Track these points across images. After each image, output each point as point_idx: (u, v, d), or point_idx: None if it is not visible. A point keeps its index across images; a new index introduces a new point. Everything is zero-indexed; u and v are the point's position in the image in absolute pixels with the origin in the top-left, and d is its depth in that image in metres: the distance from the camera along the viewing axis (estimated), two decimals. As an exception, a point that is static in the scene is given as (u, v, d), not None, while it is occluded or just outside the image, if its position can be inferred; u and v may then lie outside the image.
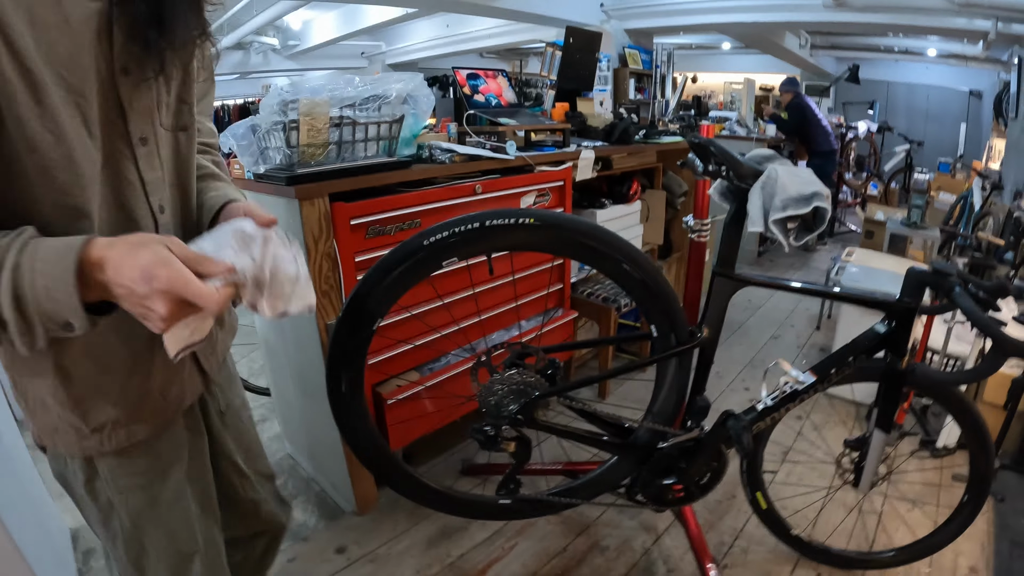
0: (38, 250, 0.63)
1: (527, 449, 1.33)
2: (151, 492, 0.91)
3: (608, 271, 1.25)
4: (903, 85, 9.87)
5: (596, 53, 2.99)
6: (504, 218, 1.12)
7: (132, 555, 0.94)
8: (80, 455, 0.87)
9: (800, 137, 5.49)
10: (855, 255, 3.23)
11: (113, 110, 0.75)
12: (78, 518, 2.02)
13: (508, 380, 1.27)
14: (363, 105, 1.56)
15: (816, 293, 1.39)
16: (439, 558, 1.78)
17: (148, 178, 0.80)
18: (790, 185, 1.16)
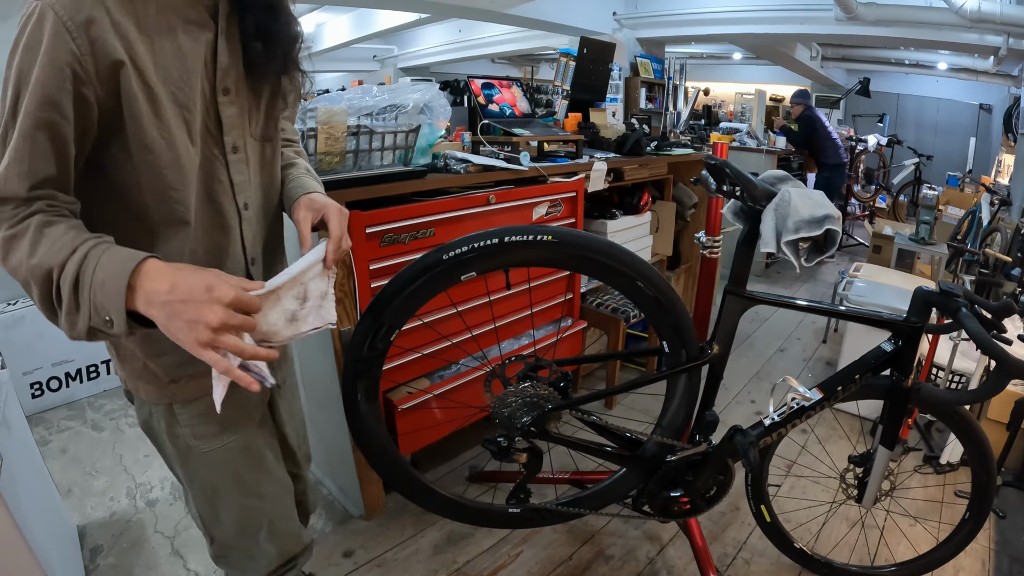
0: (109, 249, 0.74)
1: (538, 460, 1.35)
2: (224, 438, 1.02)
3: (622, 288, 1.27)
4: (913, 98, 9.86)
5: (609, 64, 3.01)
6: (523, 235, 1.14)
7: (207, 495, 1.06)
8: (161, 403, 0.98)
9: (810, 149, 5.50)
10: (863, 270, 3.24)
11: (212, 123, 0.90)
12: (85, 515, 2.10)
13: (522, 392, 1.30)
14: (380, 114, 1.59)
15: (825, 312, 1.42)
16: (445, 564, 1.80)
17: (237, 180, 0.95)
18: (803, 207, 1.19)
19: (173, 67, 0.81)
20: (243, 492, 1.08)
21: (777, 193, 1.24)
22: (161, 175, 0.83)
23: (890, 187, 7.17)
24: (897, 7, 4.75)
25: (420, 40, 9.93)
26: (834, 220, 1.18)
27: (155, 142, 0.80)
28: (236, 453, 1.05)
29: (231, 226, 0.96)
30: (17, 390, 2.84)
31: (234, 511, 1.08)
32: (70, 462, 2.45)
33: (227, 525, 1.10)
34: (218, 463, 1.04)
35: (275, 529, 1.14)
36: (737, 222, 1.38)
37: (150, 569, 1.84)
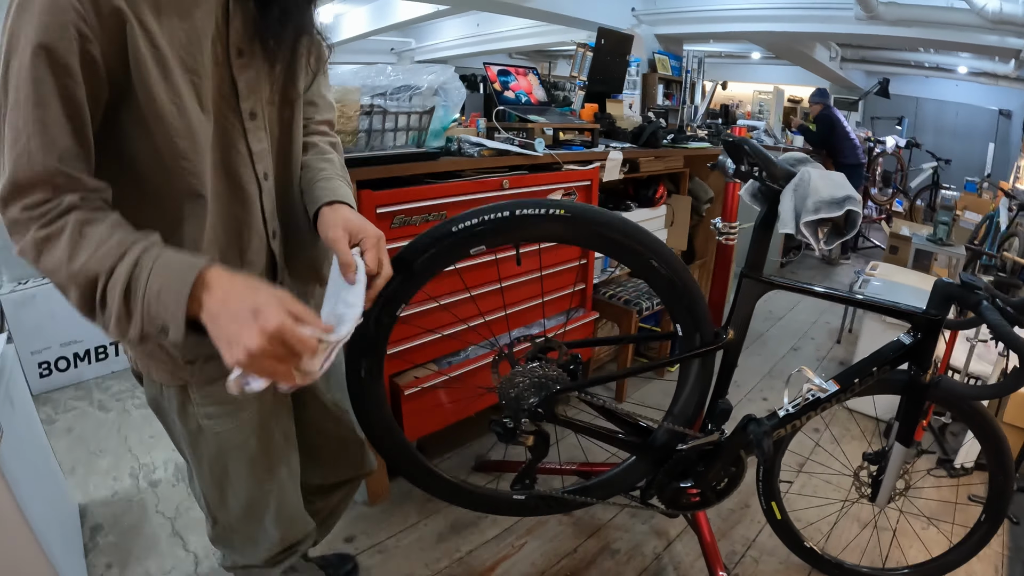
0: (161, 256, 0.71)
1: (545, 444, 1.32)
2: (237, 419, 0.98)
3: (635, 267, 1.24)
4: (932, 102, 9.75)
5: (627, 56, 2.98)
6: (535, 208, 1.11)
7: (215, 476, 1.02)
8: (173, 384, 0.94)
9: (827, 149, 5.44)
10: (879, 269, 3.19)
11: (227, 87, 0.84)
12: (87, 493, 2.10)
13: (530, 373, 1.27)
14: (394, 95, 1.56)
15: (843, 300, 1.38)
16: (448, 552, 1.78)
17: (255, 149, 0.89)
18: (823, 188, 1.15)
19: (179, 28, 0.75)
20: (253, 475, 1.05)
21: (797, 173, 1.20)
22: (172, 144, 0.77)
23: (907, 191, 7.09)
24: (918, 7, 4.70)
25: (438, 33, 9.92)
26: (855, 201, 1.15)
27: (165, 107, 0.75)
28: (248, 434, 1.02)
29: (251, 198, 0.91)
30: (26, 369, 2.85)
31: (242, 494, 1.06)
32: (75, 441, 2.46)
33: (233, 508, 1.07)
34: (229, 444, 1.00)
35: (281, 514, 1.11)
36: (755, 204, 1.34)
37: (149, 549, 1.83)
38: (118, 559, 1.80)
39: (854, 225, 1.19)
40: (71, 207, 0.71)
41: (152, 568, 1.76)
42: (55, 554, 1.49)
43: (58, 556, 1.51)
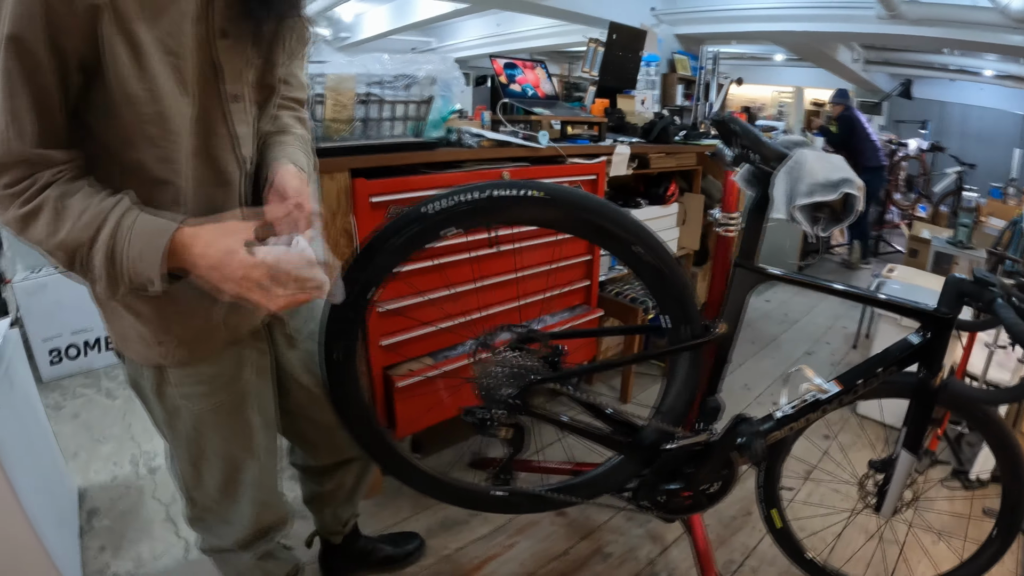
0: (137, 222, 0.77)
1: (522, 438, 1.27)
2: (214, 400, 1.00)
3: (619, 253, 1.19)
4: (957, 105, 9.57)
5: (640, 52, 2.93)
6: (511, 189, 1.07)
7: (192, 455, 1.04)
8: (149, 364, 0.96)
9: (848, 151, 5.31)
10: (896, 272, 3.09)
11: (209, 70, 0.83)
12: (88, 478, 2.11)
13: (506, 362, 1.22)
14: (391, 84, 1.54)
15: (843, 294, 1.29)
16: (436, 549, 1.75)
17: (239, 132, 0.90)
18: (818, 170, 1.08)
19: (160, 9, 0.75)
20: (229, 455, 1.06)
21: (791, 154, 1.13)
22: (142, 129, 0.79)
23: (931, 195, 6.91)
24: (940, 5, 4.59)
25: (458, 33, 9.92)
26: (852, 184, 1.07)
27: (136, 94, 0.76)
28: (226, 414, 1.03)
29: (231, 182, 0.92)
30: (37, 356, 2.91)
31: (217, 474, 1.07)
32: (81, 427, 2.50)
33: (208, 487, 1.08)
34: (206, 424, 1.01)
35: (256, 496, 1.12)
36: (748, 189, 1.27)
37: (142, 533, 1.86)
38: (111, 542, 1.82)
39: (852, 210, 1.11)
40: (48, 183, 0.74)
41: (144, 552, 1.78)
42: (47, 534, 1.51)
43: (50, 536, 1.53)
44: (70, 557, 1.70)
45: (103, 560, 1.75)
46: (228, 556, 1.19)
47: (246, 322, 1.02)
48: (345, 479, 1.42)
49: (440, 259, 1.77)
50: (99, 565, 1.73)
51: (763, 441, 1.23)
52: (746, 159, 1.20)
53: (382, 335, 1.75)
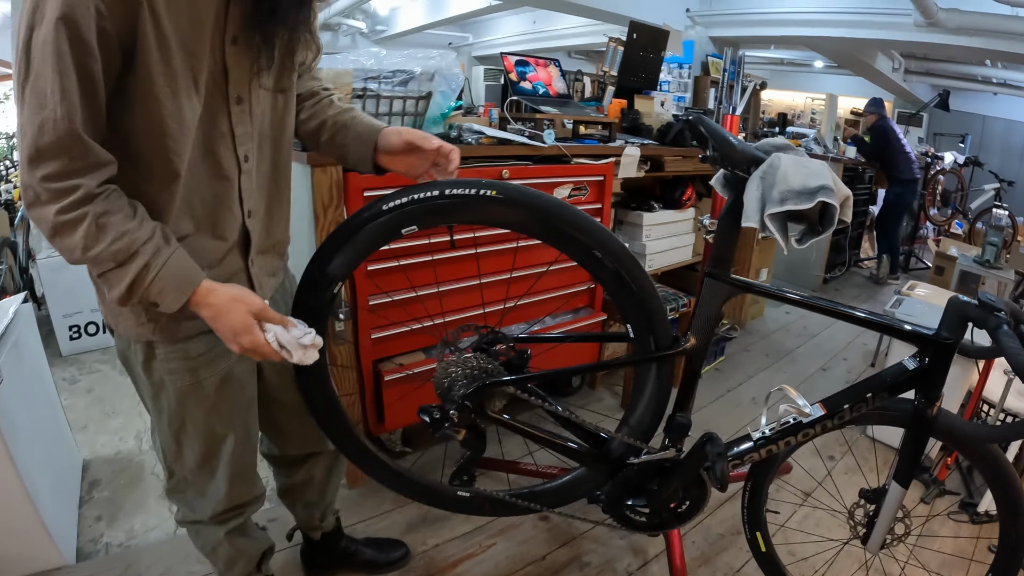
0: (167, 263, 0.85)
1: (480, 441, 1.23)
2: (198, 376, 1.04)
3: (578, 258, 1.14)
4: (1000, 120, 9.25)
5: (662, 52, 2.87)
6: (464, 188, 1.04)
7: (174, 428, 1.09)
8: (139, 340, 1.01)
9: (881, 162, 5.17)
10: (918, 290, 2.98)
11: (219, 72, 0.90)
12: (94, 450, 2.16)
13: (464, 363, 1.19)
14: (388, 79, 1.52)
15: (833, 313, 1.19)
16: (414, 544, 1.75)
17: (238, 131, 0.96)
18: (793, 176, 1.01)
19: (185, 13, 0.82)
20: (208, 429, 1.10)
21: (765, 159, 1.06)
22: (163, 123, 0.84)
23: (967, 212, 6.68)
24: (979, 15, 4.41)
25: (495, 29, 9.91)
26: (830, 192, 1.00)
27: (161, 90, 0.82)
28: (210, 391, 1.07)
29: (229, 177, 0.97)
30: (57, 331, 3.01)
31: (197, 447, 1.11)
32: (93, 401, 2.58)
33: (188, 460, 1.13)
34: (189, 399, 1.06)
35: (232, 472, 1.16)
36: (725, 193, 1.21)
37: (138, 507, 1.91)
38: (108, 513, 1.88)
39: (831, 221, 1.04)
40: (91, 195, 0.79)
41: (136, 525, 1.83)
42: (44, 502, 1.57)
43: (48, 504, 1.60)
44: (67, 525, 1.76)
45: (98, 529, 1.81)
46: (200, 528, 1.24)
47: None
48: (314, 471, 1.43)
49: (437, 255, 1.76)
50: (94, 534, 1.79)
51: (726, 463, 1.18)
52: (719, 162, 1.15)
53: (373, 328, 1.75)
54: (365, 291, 1.69)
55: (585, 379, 2.75)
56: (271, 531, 1.75)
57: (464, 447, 1.23)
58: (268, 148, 1.04)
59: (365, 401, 1.82)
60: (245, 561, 1.32)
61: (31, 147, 0.75)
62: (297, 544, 1.67)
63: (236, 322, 0.90)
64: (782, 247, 1.04)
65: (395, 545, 1.71)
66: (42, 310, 3.29)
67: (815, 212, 1.02)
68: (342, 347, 1.67)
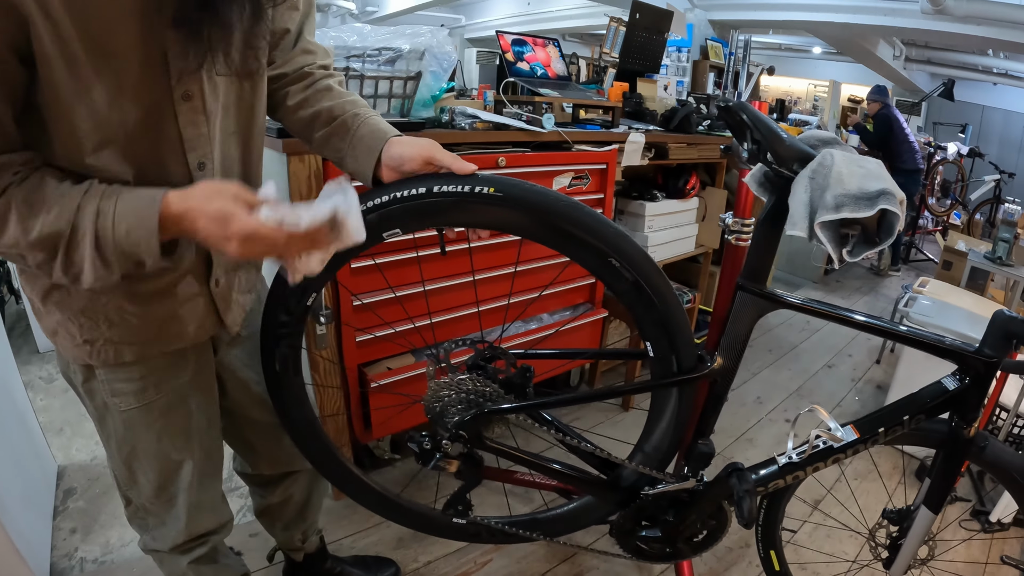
0: (119, 198, 0.70)
1: (476, 471, 1.10)
2: (144, 398, 0.93)
3: (592, 266, 0.98)
4: (999, 111, 9.17)
5: (665, 33, 2.74)
6: (457, 185, 0.89)
7: (123, 454, 0.98)
8: (77, 362, 0.90)
9: (884, 152, 5.07)
10: (929, 286, 2.88)
11: (157, 66, 0.73)
12: (69, 456, 2.04)
13: (457, 386, 1.05)
14: (374, 57, 1.38)
15: (871, 329, 1.10)
16: (405, 560, 1.64)
17: (187, 135, 0.79)
18: (849, 177, 0.85)
19: (93, 5, 0.65)
20: (163, 456, 1.00)
21: (816, 155, 0.90)
22: (79, 142, 0.71)
23: (966, 203, 6.61)
24: (987, 3, 4.31)
25: (488, 11, 9.72)
26: (892, 198, 0.83)
27: (71, 106, 0.69)
28: (159, 414, 0.96)
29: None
30: (34, 327, 2.89)
31: (152, 474, 1.01)
32: (69, 402, 2.43)
33: (143, 488, 1.02)
34: (137, 424, 0.95)
35: (193, 500, 1.06)
36: (762, 194, 1.04)
37: (114, 518, 1.81)
38: (83, 525, 1.78)
39: (891, 231, 0.87)
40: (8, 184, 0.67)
41: (112, 538, 1.73)
42: (12, 515, 1.45)
43: (16, 517, 1.49)
44: (40, 538, 1.66)
45: (72, 543, 1.71)
46: (165, 558, 1.14)
47: (191, 332, 0.94)
48: (292, 492, 1.32)
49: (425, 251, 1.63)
50: (68, 548, 1.69)
51: (754, 499, 1.05)
52: (759, 158, 0.98)
53: (358, 330, 1.62)
54: (349, 291, 1.56)
55: (583, 378, 2.64)
56: (252, 548, 1.65)
57: (458, 479, 1.09)
58: (235, 148, 0.88)
59: (350, 408, 1.70)
60: None
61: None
62: (279, 563, 1.56)
63: (221, 210, 0.71)
64: (833, 259, 0.90)
65: (384, 564, 1.60)
66: (20, 304, 3.15)
67: (873, 220, 0.86)
68: (324, 352, 1.55)
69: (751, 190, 1.05)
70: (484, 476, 1.13)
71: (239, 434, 1.17)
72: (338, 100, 0.98)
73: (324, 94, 0.98)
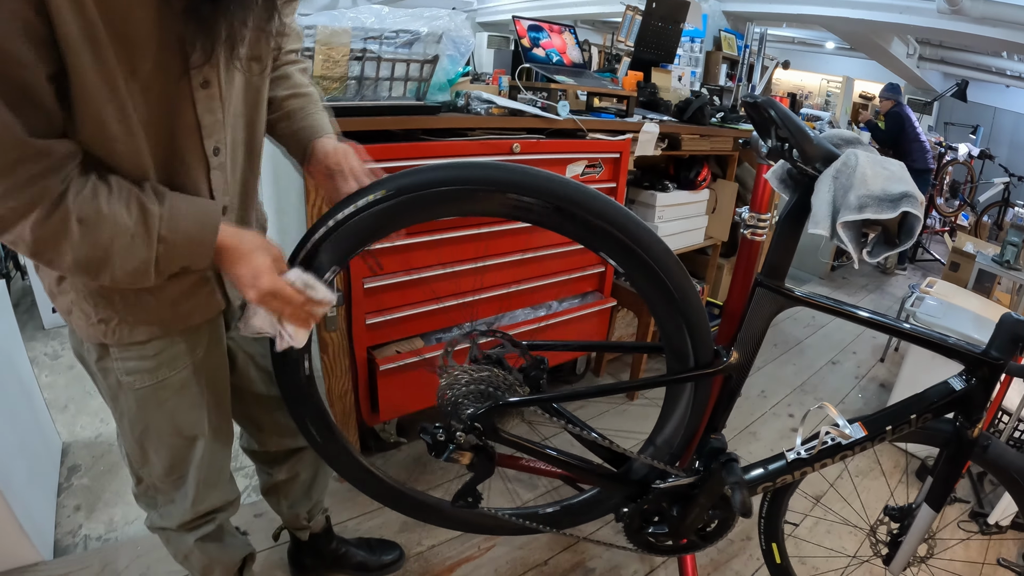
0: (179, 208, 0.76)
1: (489, 463, 1.10)
2: (159, 375, 0.94)
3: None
4: (1011, 114, 9.06)
5: (681, 23, 2.71)
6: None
7: (136, 433, 0.99)
8: (88, 340, 0.91)
9: (895, 150, 5.03)
10: (936, 287, 2.88)
11: (175, 54, 0.73)
12: (74, 433, 2.04)
13: (473, 375, 1.05)
14: (391, 40, 1.37)
15: (885, 328, 1.11)
16: (409, 544, 1.65)
17: (205, 122, 0.81)
18: (873, 179, 0.86)
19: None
20: (175, 434, 1.01)
21: (840, 155, 0.90)
22: (104, 127, 0.70)
23: (975, 204, 6.57)
24: (1005, 5, 4.25)
25: (501, -6, 9.58)
26: (915, 201, 0.84)
27: (97, 95, 0.67)
28: (172, 392, 0.97)
29: (194, 174, 0.84)
30: (39, 303, 2.89)
31: (164, 452, 1.02)
32: (75, 378, 2.45)
33: (155, 466, 1.04)
34: (150, 402, 0.95)
35: (203, 478, 1.07)
36: (783, 191, 1.04)
37: (118, 496, 1.81)
38: (87, 503, 1.78)
39: (911, 233, 0.88)
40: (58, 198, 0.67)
41: (116, 516, 1.74)
42: (17, 493, 1.46)
43: (20, 495, 1.49)
44: (44, 517, 1.66)
45: (76, 520, 1.71)
46: (170, 535, 1.15)
47: (200, 311, 0.95)
48: (299, 470, 1.33)
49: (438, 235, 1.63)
50: (72, 525, 1.69)
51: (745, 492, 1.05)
52: (784, 155, 0.97)
53: (367, 313, 1.62)
54: (359, 273, 1.56)
55: (590, 365, 2.65)
56: (257, 528, 1.66)
57: (470, 471, 1.09)
58: (242, 131, 0.90)
59: (358, 390, 1.71)
60: (221, 569, 1.22)
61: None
62: (285, 542, 1.58)
63: (257, 263, 0.82)
64: (853, 259, 0.90)
65: (388, 547, 1.61)
66: (25, 280, 3.15)
67: (894, 222, 0.87)
68: (333, 334, 1.55)
69: (772, 186, 1.05)
70: (495, 465, 1.13)
71: (246, 410, 1.18)
72: (291, 91, 1.01)
73: (282, 81, 1.01)
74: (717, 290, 3.11)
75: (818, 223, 0.88)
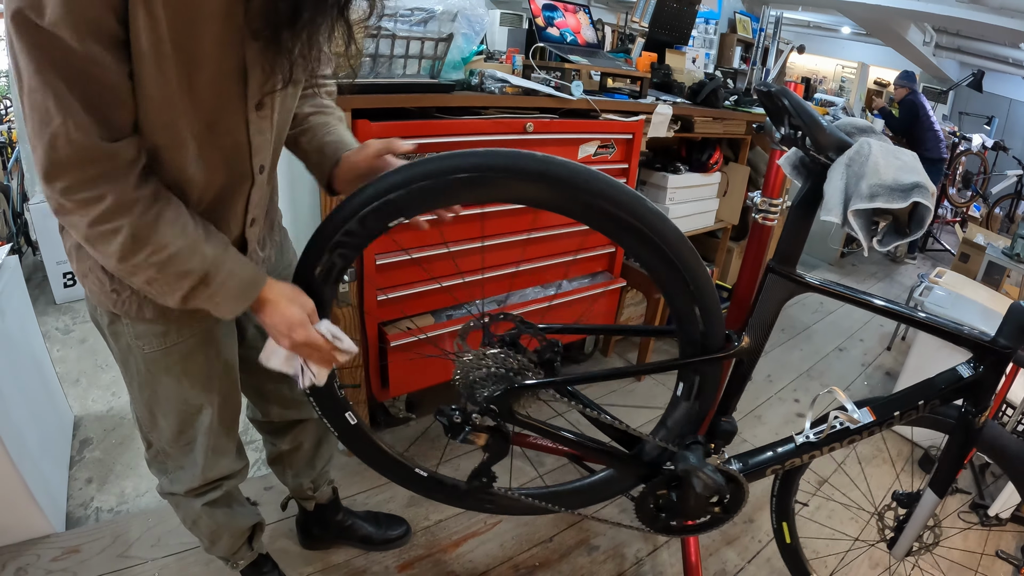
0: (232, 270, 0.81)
1: (504, 444, 1.11)
2: (167, 341, 0.96)
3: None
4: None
5: (697, 4, 2.69)
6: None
7: (145, 397, 1.02)
8: (99, 306, 0.93)
9: (908, 139, 4.98)
10: (945, 277, 2.86)
11: (233, 75, 0.75)
12: (85, 406, 2.07)
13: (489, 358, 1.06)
14: (406, 17, 1.37)
15: (895, 315, 1.11)
16: (416, 519, 1.68)
17: (256, 142, 0.84)
18: (885, 168, 0.86)
19: (182, 5, 0.66)
20: (184, 399, 1.03)
21: (853, 144, 0.90)
22: (153, 134, 0.72)
23: (987, 196, 6.51)
24: (1027, -5, 4.18)
25: (513, -28, 9.46)
26: (926, 191, 0.84)
27: (156, 107, 0.70)
28: (181, 357, 0.98)
29: (239, 190, 0.88)
30: (51, 278, 2.91)
31: (173, 417, 1.04)
32: (86, 352, 2.48)
33: (164, 431, 1.06)
34: (158, 366, 0.98)
35: (211, 444, 1.09)
36: (796, 178, 1.04)
37: (129, 468, 1.83)
38: (99, 475, 1.81)
39: (921, 223, 0.89)
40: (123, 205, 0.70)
41: (127, 488, 1.76)
42: (29, 466, 1.48)
43: (33, 467, 1.51)
44: (56, 489, 1.68)
45: (88, 493, 1.73)
46: (180, 501, 1.18)
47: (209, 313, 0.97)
48: (302, 440, 1.36)
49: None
50: (84, 498, 1.71)
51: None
52: (796, 142, 0.97)
53: (379, 289, 1.63)
54: (372, 250, 1.57)
55: (598, 345, 2.66)
56: (267, 501, 1.68)
57: (485, 452, 1.11)
58: (275, 151, 0.93)
59: (368, 366, 1.72)
60: (229, 536, 1.25)
61: (44, 162, 0.66)
62: (293, 514, 1.60)
63: (293, 316, 0.87)
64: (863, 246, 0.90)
65: (396, 522, 1.63)
66: (37, 256, 3.17)
67: (905, 212, 0.88)
68: (345, 310, 1.56)
69: (785, 172, 1.05)
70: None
71: (251, 381, 1.20)
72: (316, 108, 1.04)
73: (308, 99, 1.04)
74: (726, 273, 3.11)
75: (830, 211, 0.89)
